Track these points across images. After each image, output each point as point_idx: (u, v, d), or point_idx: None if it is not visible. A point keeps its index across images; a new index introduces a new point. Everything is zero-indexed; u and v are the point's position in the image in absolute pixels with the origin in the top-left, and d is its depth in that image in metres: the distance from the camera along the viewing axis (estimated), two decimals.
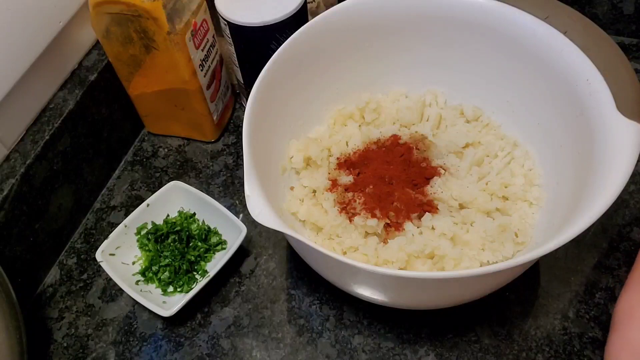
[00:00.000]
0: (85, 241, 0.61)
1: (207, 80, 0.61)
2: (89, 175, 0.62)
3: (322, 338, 0.52)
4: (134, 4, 0.51)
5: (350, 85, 0.59)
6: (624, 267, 0.53)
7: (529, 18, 0.49)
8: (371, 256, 0.49)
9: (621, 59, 0.44)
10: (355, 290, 0.46)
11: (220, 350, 0.52)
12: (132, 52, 0.57)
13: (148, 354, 0.52)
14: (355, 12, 0.54)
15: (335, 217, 0.52)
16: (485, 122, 0.58)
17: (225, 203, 0.61)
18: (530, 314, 0.51)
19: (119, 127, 0.66)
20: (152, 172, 0.66)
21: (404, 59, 0.59)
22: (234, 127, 0.70)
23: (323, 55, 0.55)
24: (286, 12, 0.56)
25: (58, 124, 0.56)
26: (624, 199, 0.57)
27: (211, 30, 0.60)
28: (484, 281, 0.43)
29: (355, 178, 0.54)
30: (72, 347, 0.53)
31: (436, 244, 0.48)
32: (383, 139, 0.57)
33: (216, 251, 0.57)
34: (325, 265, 0.45)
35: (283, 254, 0.57)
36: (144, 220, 0.57)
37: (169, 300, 0.53)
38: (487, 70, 0.56)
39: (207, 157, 0.67)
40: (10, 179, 0.52)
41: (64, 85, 0.59)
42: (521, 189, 0.52)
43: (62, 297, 0.57)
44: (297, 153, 0.55)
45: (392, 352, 0.50)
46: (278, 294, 0.55)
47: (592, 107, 0.44)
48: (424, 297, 0.46)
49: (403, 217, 0.51)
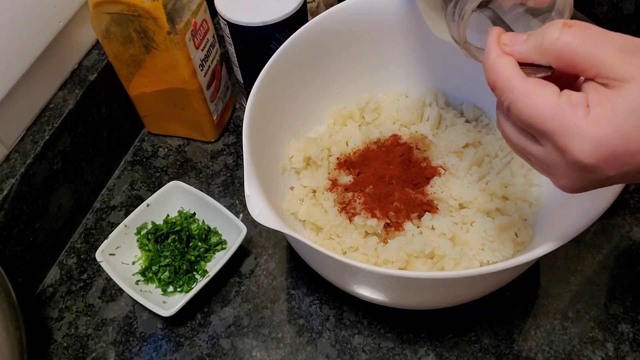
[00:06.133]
0: (85, 241, 0.61)
1: (207, 80, 0.61)
2: (89, 175, 0.62)
3: (322, 338, 0.52)
4: (134, 4, 0.51)
5: (350, 85, 0.59)
6: (624, 267, 0.53)
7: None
8: (371, 256, 0.49)
9: None
10: (355, 290, 0.46)
11: (220, 350, 0.52)
12: (132, 52, 0.57)
13: (148, 354, 0.52)
14: (355, 12, 0.54)
15: (335, 217, 0.52)
16: (485, 122, 0.58)
17: (225, 203, 0.61)
18: (530, 314, 0.51)
19: (118, 127, 0.66)
20: (152, 172, 0.66)
21: (404, 59, 0.59)
22: (234, 127, 0.70)
23: (323, 55, 0.55)
24: (286, 12, 0.56)
25: (58, 124, 0.56)
26: (624, 199, 0.57)
27: (211, 30, 0.60)
28: (484, 281, 0.43)
29: (355, 178, 0.54)
30: (72, 347, 0.53)
31: (436, 244, 0.48)
32: (383, 139, 0.57)
33: (216, 251, 0.57)
34: (325, 265, 0.45)
35: (283, 254, 0.57)
36: (144, 220, 0.57)
37: (169, 300, 0.53)
38: None
39: (207, 157, 0.67)
40: (10, 179, 0.52)
41: (64, 85, 0.59)
42: (521, 189, 0.52)
43: (62, 297, 0.57)
44: (297, 153, 0.55)
45: (392, 352, 0.50)
46: (278, 294, 0.55)
47: None
48: (424, 297, 0.46)
49: (403, 217, 0.51)
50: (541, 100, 0.29)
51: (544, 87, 0.29)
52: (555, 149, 0.29)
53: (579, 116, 0.28)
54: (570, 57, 0.29)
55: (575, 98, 0.28)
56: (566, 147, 0.28)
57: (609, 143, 0.27)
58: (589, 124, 0.27)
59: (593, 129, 0.27)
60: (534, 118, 0.29)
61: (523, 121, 0.30)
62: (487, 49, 0.33)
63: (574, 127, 0.28)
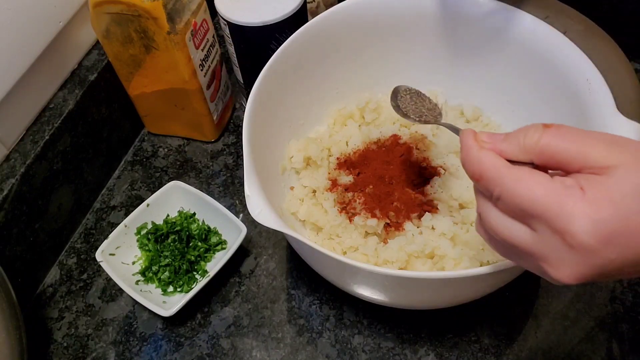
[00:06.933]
0: (85, 241, 0.61)
1: (207, 80, 0.61)
2: (89, 175, 0.62)
3: (322, 338, 0.52)
4: (134, 4, 0.51)
5: (350, 85, 0.59)
6: None
7: (529, 18, 0.49)
8: (371, 256, 0.49)
9: (621, 59, 0.44)
10: (355, 290, 0.46)
11: (220, 350, 0.52)
12: (132, 52, 0.57)
13: (148, 354, 0.52)
14: (355, 12, 0.54)
15: (335, 217, 0.52)
16: (485, 122, 0.58)
17: (225, 203, 0.61)
18: (530, 314, 0.51)
19: (118, 127, 0.66)
20: (152, 172, 0.66)
21: (404, 59, 0.59)
22: (234, 127, 0.70)
23: (323, 55, 0.55)
24: (286, 12, 0.56)
25: (58, 124, 0.56)
26: None
27: (211, 30, 0.60)
28: (484, 281, 0.43)
29: (355, 178, 0.54)
30: (72, 347, 0.53)
31: (436, 244, 0.48)
32: (383, 139, 0.57)
33: (216, 251, 0.57)
34: (325, 265, 0.45)
35: (283, 254, 0.57)
36: (144, 220, 0.57)
37: (169, 300, 0.53)
38: (487, 70, 0.56)
39: (207, 157, 0.67)
40: (10, 179, 0.52)
41: (64, 85, 0.59)
42: None
43: (62, 297, 0.57)
44: (297, 153, 0.55)
45: (392, 352, 0.50)
46: (278, 294, 0.55)
47: (592, 107, 0.44)
48: (424, 297, 0.46)
49: (403, 217, 0.51)
50: (535, 184, 0.28)
51: (535, 173, 0.29)
52: (552, 233, 0.28)
53: (576, 197, 0.27)
54: (552, 154, 0.29)
55: (569, 182, 0.28)
56: (566, 229, 0.27)
57: (610, 222, 0.27)
58: (588, 205, 0.27)
59: (592, 209, 0.27)
60: (529, 202, 0.28)
61: (516, 206, 0.29)
62: (466, 146, 0.32)
63: (572, 208, 0.27)
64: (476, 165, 0.31)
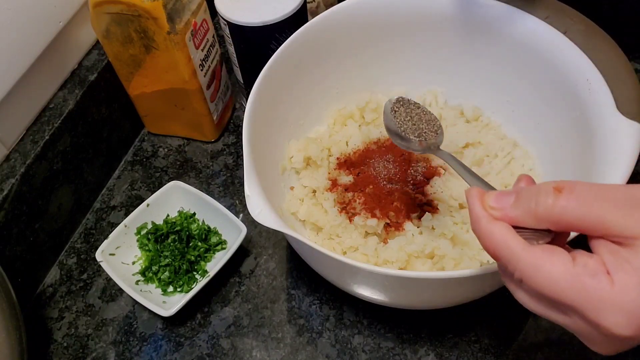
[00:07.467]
0: (85, 241, 0.61)
1: (207, 80, 0.61)
2: (89, 175, 0.62)
3: (322, 338, 0.52)
4: (134, 4, 0.51)
5: (350, 85, 0.59)
6: None
7: (529, 18, 0.49)
8: (371, 256, 0.49)
9: (621, 59, 0.44)
10: (355, 290, 0.46)
11: (220, 350, 0.52)
12: (132, 52, 0.57)
13: (148, 354, 0.52)
14: (355, 12, 0.54)
15: (335, 217, 0.52)
16: (485, 122, 0.58)
17: (225, 203, 0.61)
18: (530, 314, 0.51)
19: (118, 127, 0.66)
20: (152, 172, 0.66)
21: (404, 59, 0.59)
22: (234, 127, 0.70)
23: (323, 56, 0.55)
24: (286, 12, 0.56)
25: (58, 124, 0.56)
26: None
27: (211, 30, 0.60)
28: (484, 281, 0.43)
29: (355, 178, 0.54)
30: (72, 347, 0.53)
31: (436, 244, 0.48)
32: (383, 139, 0.57)
33: (216, 251, 0.57)
34: (325, 265, 0.45)
35: (283, 254, 0.57)
36: (144, 220, 0.57)
37: (169, 300, 0.53)
38: (487, 70, 0.56)
39: (207, 157, 0.67)
40: (10, 179, 0.52)
41: (63, 85, 0.59)
42: None
43: (62, 297, 0.57)
44: (297, 153, 0.55)
45: (392, 352, 0.50)
46: (278, 294, 0.55)
47: (592, 107, 0.44)
48: (424, 297, 0.46)
49: (403, 217, 0.51)
50: (556, 272, 0.27)
51: (552, 255, 0.27)
52: (585, 323, 0.27)
53: (604, 287, 0.26)
54: (570, 221, 0.28)
55: (592, 265, 0.27)
56: (598, 322, 0.26)
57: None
58: (617, 295, 0.26)
59: (623, 299, 0.25)
60: (554, 292, 0.27)
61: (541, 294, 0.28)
62: (474, 213, 0.31)
63: (602, 300, 0.26)
64: (488, 241, 0.30)
